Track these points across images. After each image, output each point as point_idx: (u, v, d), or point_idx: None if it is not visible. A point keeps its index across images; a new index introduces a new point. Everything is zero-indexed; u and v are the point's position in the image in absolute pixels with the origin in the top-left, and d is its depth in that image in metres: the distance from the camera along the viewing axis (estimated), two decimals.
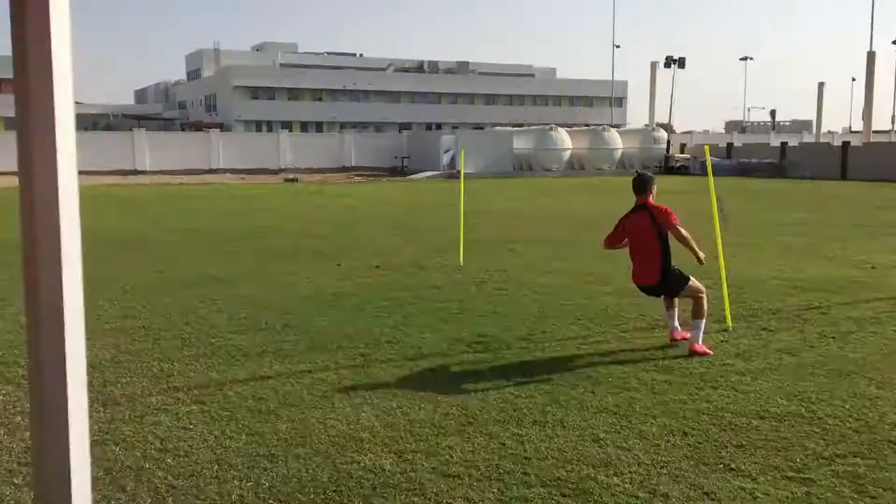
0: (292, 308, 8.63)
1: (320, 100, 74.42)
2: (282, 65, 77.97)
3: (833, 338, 7.13)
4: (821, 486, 4.08)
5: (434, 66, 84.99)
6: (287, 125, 66.31)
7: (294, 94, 73.21)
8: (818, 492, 4.02)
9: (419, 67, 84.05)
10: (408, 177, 46.00)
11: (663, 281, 6.83)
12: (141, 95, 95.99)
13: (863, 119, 57.41)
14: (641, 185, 6.95)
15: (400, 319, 8.02)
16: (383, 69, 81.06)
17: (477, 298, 9.11)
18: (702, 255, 6.93)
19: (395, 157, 52.26)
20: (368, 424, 5.03)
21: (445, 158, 46.22)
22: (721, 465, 4.37)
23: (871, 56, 54.61)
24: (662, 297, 7.16)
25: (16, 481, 4.22)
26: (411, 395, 5.60)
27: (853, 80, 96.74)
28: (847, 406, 5.30)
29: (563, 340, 7.17)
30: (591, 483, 4.15)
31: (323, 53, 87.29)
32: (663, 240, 6.78)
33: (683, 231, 6.76)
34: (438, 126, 72.67)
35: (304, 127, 70.72)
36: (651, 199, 6.96)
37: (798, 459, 4.43)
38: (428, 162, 47.86)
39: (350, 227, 17.59)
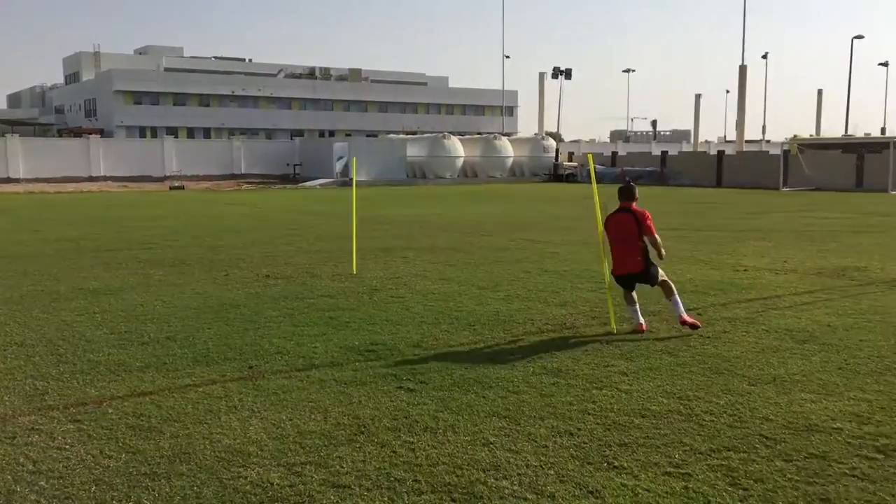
0: (177, 320, 8.35)
1: (208, 105, 72.43)
2: (166, 69, 75.50)
3: (709, 337, 7.49)
4: (697, 481, 4.27)
5: (326, 73, 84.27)
6: (172, 131, 64.21)
7: (180, 99, 70.95)
8: (695, 486, 4.21)
9: (311, 74, 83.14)
10: (300, 184, 45.37)
11: (645, 269, 7.82)
12: (14, 99, 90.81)
13: (736, 129, 60.69)
14: (630, 193, 8.05)
15: (290, 329, 7.89)
16: (273, 75, 79.72)
17: (369, 306, 9.08)
18: (664, 252, 8.09)
19: (287, 165, 51.51)
20: (256, 438, 4.92)
21: (338, 166, 45.89)
22: (605, 464, 4.50)
23: (742, 70, 57.82)
24: (626, 293, 8.07)
25: None
26: (301, 406, 5.51)
27: (727, 92, 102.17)
28: (722, 402, 5.57)
29: (454, 346, 7.24)
30: (480, 487, 4.20)
31: (210, 58, 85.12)
32: (642, 236, 7.87)
33: (657, 237, 7.90)
34: (331, 133, 72.13)
35: (191, 133, 68.70)
36: (634, 205, 8.01)
37: (677, 455, 4.62)
38: (321, 169, 47.41)
39: (239, 236, 17.18)
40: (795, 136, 46.53)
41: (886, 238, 15.88)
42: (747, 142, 65.04)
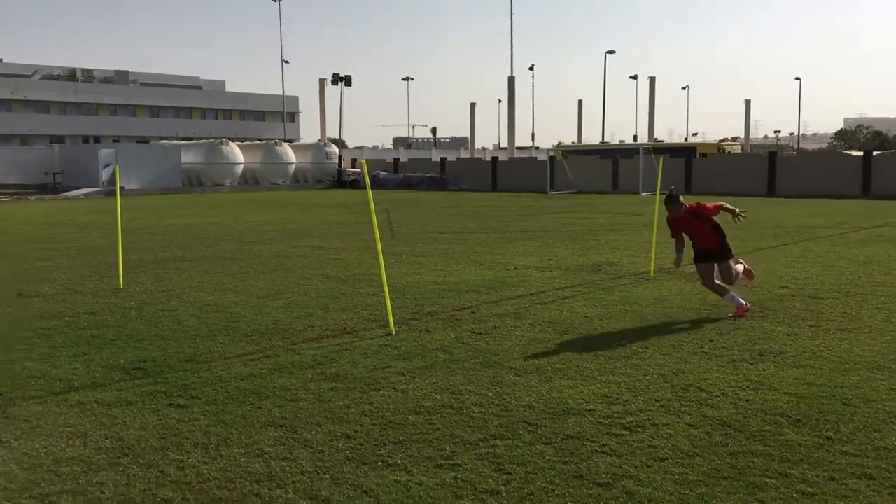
0: None
1: None
2: None
3: (480, 333, 7.87)
4: (466, 470, 4.48)
5: (89, 75, 78.60)
6: None
7: None
8: (463, 475, 4.42)
9: (71, 75, 77.15)
10: (62, 194, 41.84)
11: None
12: None
13: (508, 136, 64.21)
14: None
15: (47, 351, 7.27)
16: (28, 76, 73.04)
17: (137, 322, 8.59)
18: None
19: (46, 173, 47.25)
20: (5, 470, 4.50)
21: (105, 174, 42.82)
22: (380, 463, 4.60)
23: (511, 80, 61.33)
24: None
25: None
26: (58, 433, 5.11)
27: (500, 101, 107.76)
28: (490, 394, 5.89)
29: (230, 358, 7.04)
30: (254, 498, 4.13)
31: None
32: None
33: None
34: (97, 139, 67.32)
35: None
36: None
37: (448, 448, 4.82)
38: (85, 178, 43.98)
39: None
40: (560, 143, 50.05)
41: (636, 235, 17.52)
42: (518, 148, 69.05)
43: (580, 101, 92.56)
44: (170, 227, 21.24)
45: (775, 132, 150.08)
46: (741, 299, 8.58)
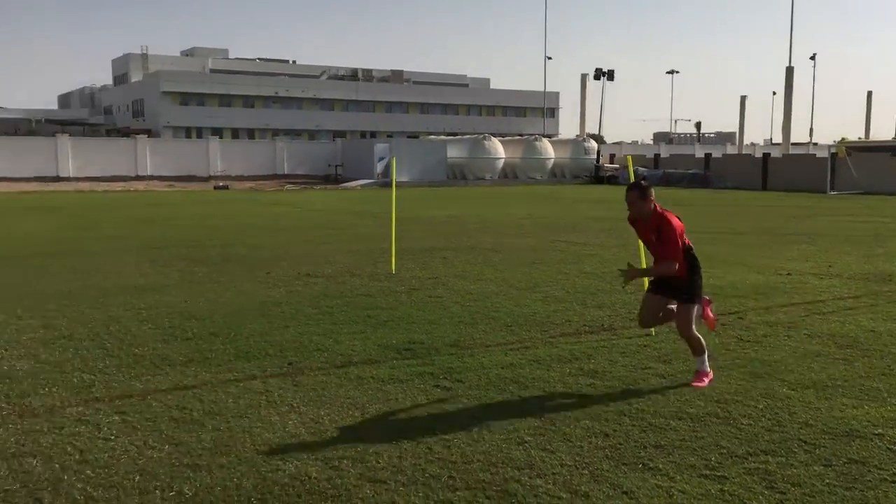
0: (219, 317, 8.51)
1: (252, 106, 73.50)
2: (212, 70, 76.83)
3: (749, 341, 7.41)
4: (734, 483, 4.24)
5: (368, 75, 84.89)
6: (217, 132, 65.19)
7: (225, 100, 72.12)
8: (731, 488, 4.18)
9: (353, 75, 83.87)
10: (341, 185, 45.73)
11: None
12: (65, 100, 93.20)
13: (782, 131, 59.64)
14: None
15: (329, 327, 7.99)
16: (317, 76, 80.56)
17: (408, 306, 9.15)
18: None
19: (329, 165, 51.93)
20: (295, 432, 5.02)
21: (379, 167, 46.14)
22: (640, 465, 4.50)
23: (789, 71, 56.84)
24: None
25: None
26: (339, 403, 5.60)
27: (774, 93, 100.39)
28: (760, 406, 5.52)
29: (491, 346, 7.27)
30: (514, 485, 4.23)
31: (255, 59, 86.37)
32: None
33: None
34: (373, 134, 72.65)
35: (236, 134, 69.75)
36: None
37: (713, 458, 4.60)
38: (362, 170, 47.74)
39: (281, 235, 17.42)
40: (843, 138, 45.57)
41: None
42: (793, 144, 63.90)
43: (869, 93, 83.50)
44: (434, 217, 22.38)
45: None
46: (708, 366, 6.12)
